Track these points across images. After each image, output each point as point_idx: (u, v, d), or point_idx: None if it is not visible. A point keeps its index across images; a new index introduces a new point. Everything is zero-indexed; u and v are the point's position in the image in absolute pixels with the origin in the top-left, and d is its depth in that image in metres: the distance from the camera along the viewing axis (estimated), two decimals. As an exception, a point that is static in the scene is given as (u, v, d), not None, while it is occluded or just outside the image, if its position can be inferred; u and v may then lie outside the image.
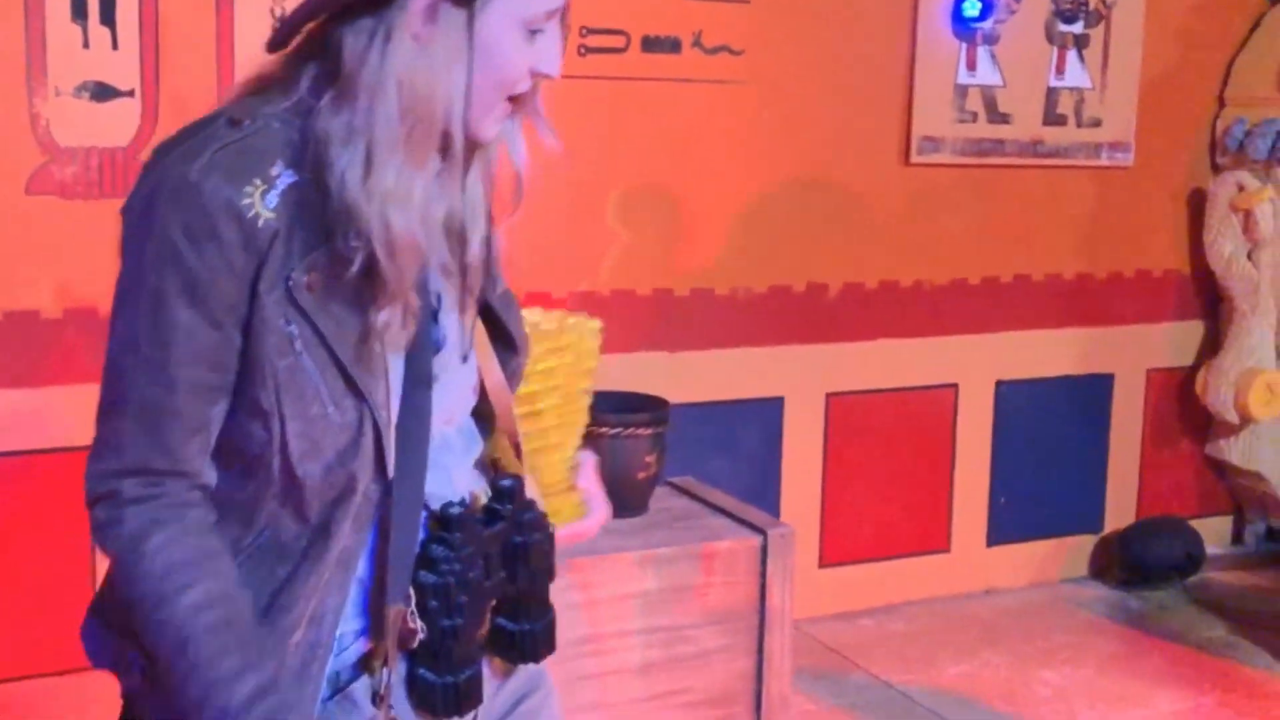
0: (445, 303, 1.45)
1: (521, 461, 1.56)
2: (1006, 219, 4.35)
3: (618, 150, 3.70)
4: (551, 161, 1.48)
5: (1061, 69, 4.33)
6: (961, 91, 4.17)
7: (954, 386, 4.36)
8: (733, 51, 3.84)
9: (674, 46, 3.75)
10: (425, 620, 1.40)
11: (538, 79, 1.38)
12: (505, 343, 1.54)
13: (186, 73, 3.22)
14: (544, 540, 1.51)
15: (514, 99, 1.38)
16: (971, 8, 4.11)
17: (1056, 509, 4.58)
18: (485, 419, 1.55)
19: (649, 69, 3.72)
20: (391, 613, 1.38)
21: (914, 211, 4.19)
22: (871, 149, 4.11)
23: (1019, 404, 4.46)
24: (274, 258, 1.28)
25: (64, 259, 3.17)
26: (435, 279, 1.42)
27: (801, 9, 3.92)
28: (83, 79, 3.12)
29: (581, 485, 1.63)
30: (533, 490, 1.56)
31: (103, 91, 3.15)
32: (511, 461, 1.56)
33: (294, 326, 1.30)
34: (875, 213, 4.14)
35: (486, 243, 1.46)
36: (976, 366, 4.38)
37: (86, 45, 3.11)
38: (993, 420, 4.44)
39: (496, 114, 1.37)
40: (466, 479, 1.50)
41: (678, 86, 3.78)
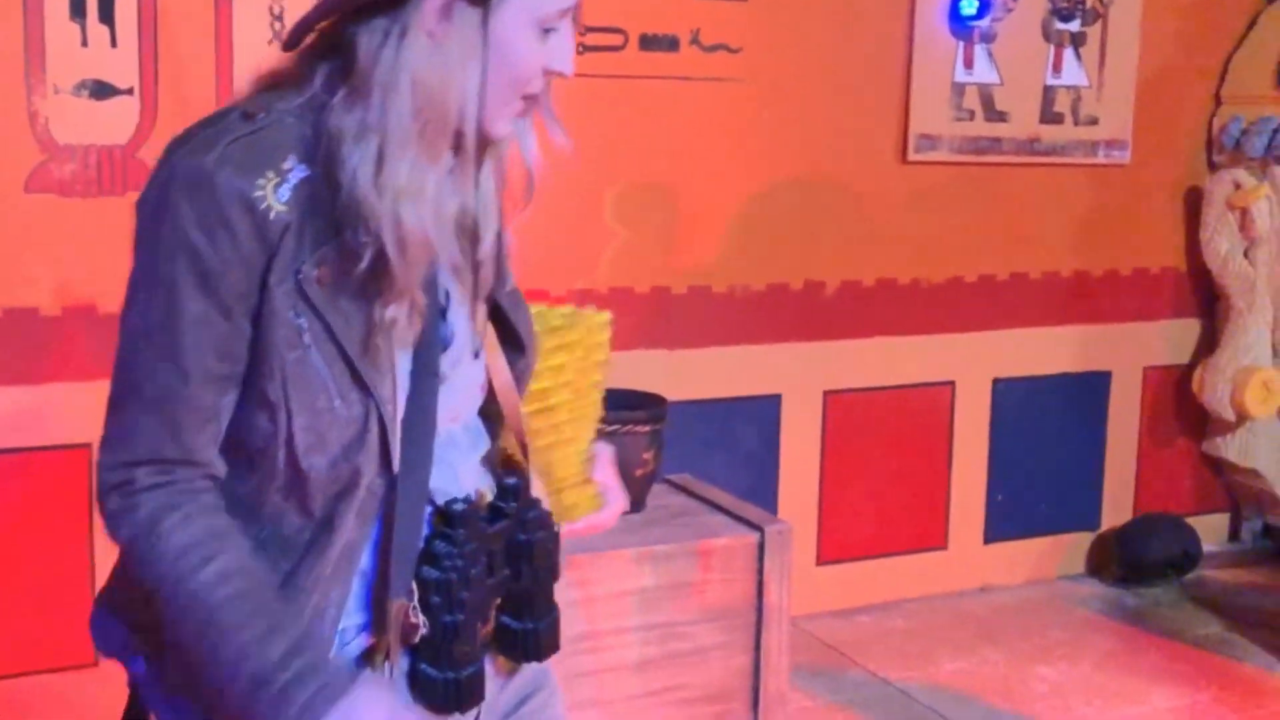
0: (454, 300, 1.45)
1: (529, 460, 1.56)
2: (1003, 217, 4.36)
3: (616, 148, 3.71)
4: (550, 160, 1.49)
5: (1058, 67, 4.34)
6: (959, 90, 4.18)
7: (951, 384, 4.37)
8: (730, 50, 3.84)
9: (672, 45, 3.76)
10: (427, 616, 1.40)
11: (550, 77, 1.39)
12: (513, 343, 1.55)
13: (185, 71, 3.22)
14: (548, 539, 1.51)
15: (527, 97, 1.39)
16: (968, 6, 4.12)
17: (1053, 506, 4.59)
18: (494, 418, 1.55)
19: (647, 67, 3.73)
20: (394, 607, 1.38)
21: (911, 209, 4.19)
22: (869, 147, 4.11)
23: (1016, 401, 4.47)
24: (284, 250, 1.29)
25: (63, 257, 3.17)
26: (444, 276, 1.43)
27: (799, 7, 3.93)
28: (81, 77, 3.13)
29: (597, 477, 1.64)
30: (538, 488, 1.57)
31: (101, 89, 3.15)
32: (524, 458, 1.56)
33: (303, 319, 1.31)
34: (872, 211, 4.14)
35: (498, 239, 1.47)
36: (974, 364, 4.39)
37: (85, 43, 3.11)
38: (990, 418, 4.44)
39: (510, 112, 1.38)
40: (472, 476, 1.50)
41: (676, 85, 3.79)
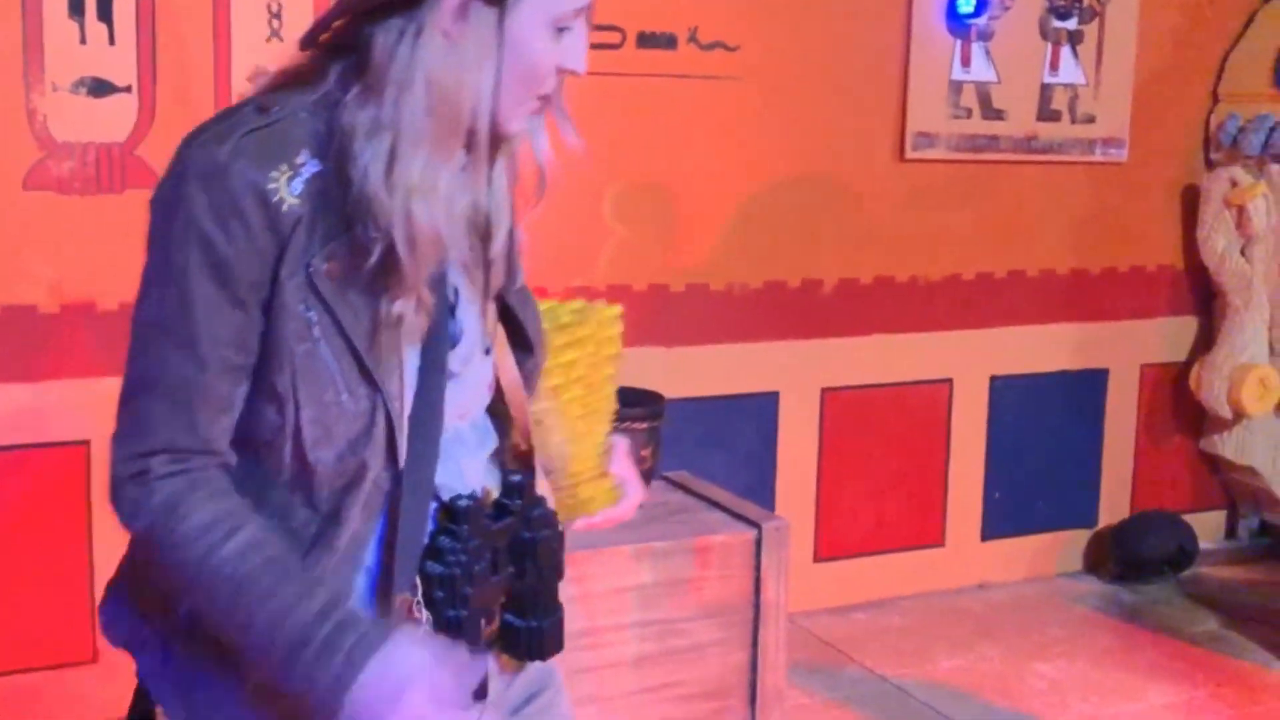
0: (463, 297, 1.46)
1: (535, 459, 1.57)
2: (1001, 215, 4.36)
3: (614, 146, 3.71)
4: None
5: (1056, 65, 4.34)
6: (956, 88, 4.18)
7: (949, 381, 4.38)
8: (728, 48, 3.85)
9: (669, 42, 3.76)
10: (431, 611, 1.41)
11: (563, 75, 1.40)
12: (521, 344, 1.56)
13: (184, 68, 3.23)
14: (553, 537, 1.51)
15: (542, 96, 1.40)
16: (966, 4, 4.12)
17: (1051, 503, 4.60)
18: (503, 417, 1.56)
19: (644, 65, 3.73)
20: (397, 601, 1.39)
21: (909, 207, 4.20)
22: (866, 145, 4.12)
23: (1013, 399, 4.47)
24: (296, 243, 1.30)
25: (61, 254, 3.18)
26: (454, 273, 1.44)
27: (797, 5, 3.93)
28: (80, 74, 3.13)
29: (613, 470, 1.64)
30: (543, 487, 1.57)
31: (100, 87, 3.15)
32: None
33: (313, 312, 1.31)
34: (870, 208, 4.15)
35: (509, 237, 1.48)
36: (971, 362, 4.39)
37: (84, 41, 3.12)
38: (987, 415, 4.45)
39: (525, 110, 1.39)
40: (478, 473, 1.51)
41: (673, 82, 3.79)
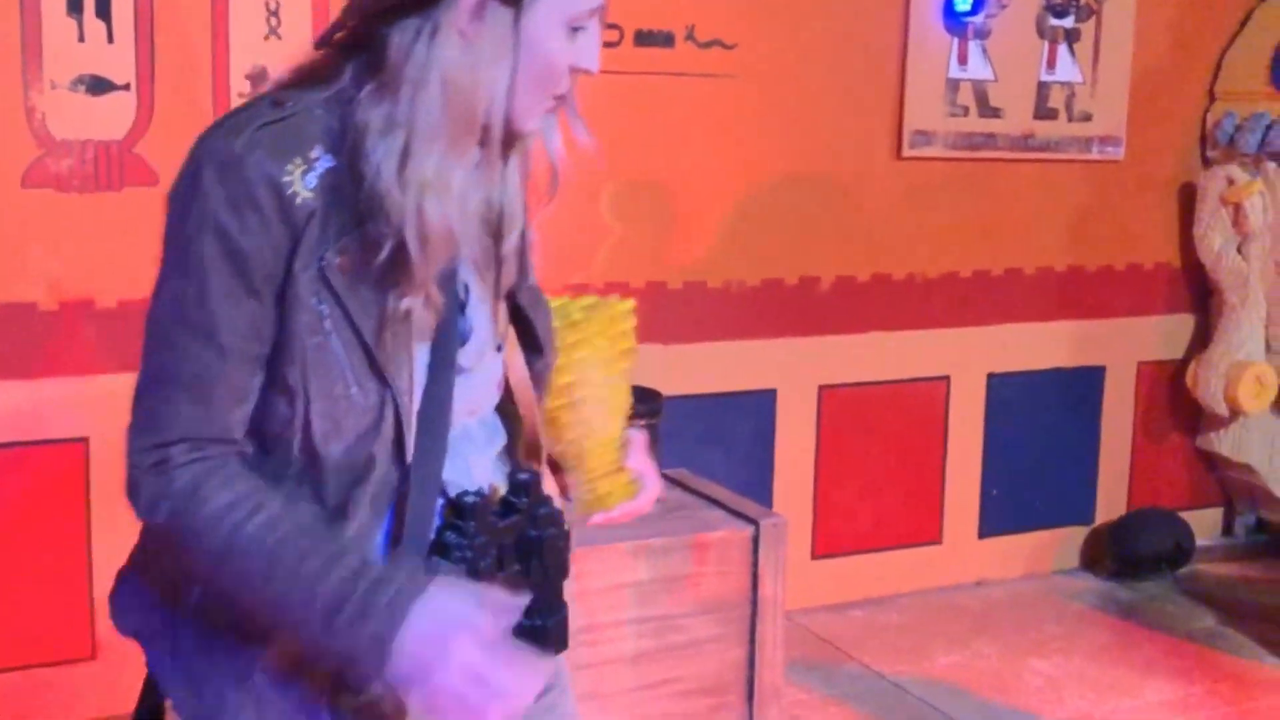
0: (474, 295, 1.47)
1: (542, 456, 1.57)
2: (998, 213, 4.37)
3: (611, 144, 3.70)
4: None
5: (1052, 63, 4.35)
6: (953, 86, 4.19)
7: (946, 379, 4.38)
8: (725, 46, 3.85)
9: (667, 41, 3.77)
10: None
11: (576, 74, 1.41)
12: (531, 344, 1.56)
13: (182, 66, 3.23)
14: (559, 536, 1.52)
15: (557, 95, 1.41)
16: (963, 2, 4.13)
17: (1048, 501, 4.60)
18: (512, 415, 1.56)
19: (642, 63, 3.73)
20: None
21: (906, 205, 4.21)
22: (863, 143, 4.12)
23: (1010, 396, 4.48)
24: (309, 237, 1.31)
25: (60, 252, 3.18)
26: (465, 271, 1.44)
27: (794, 4, 3.94)
28: (78, 72, 3.14)
29: (630, 464, 1.64)
30: (551, 485, 1.58)
31: (98, 85, 3.16)
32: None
33: (325, 306, 1.32)
34: (867, 206, 4.16)
35: (521, 235, 1.50)
36: (968, 359, 4.40)
37: (82, 39, 3.12)
38: (984, 412, 4.46)
39: (540, 109, 1.41)
40: (486, 470, 1.51)
41: (671, 80, 3.80)
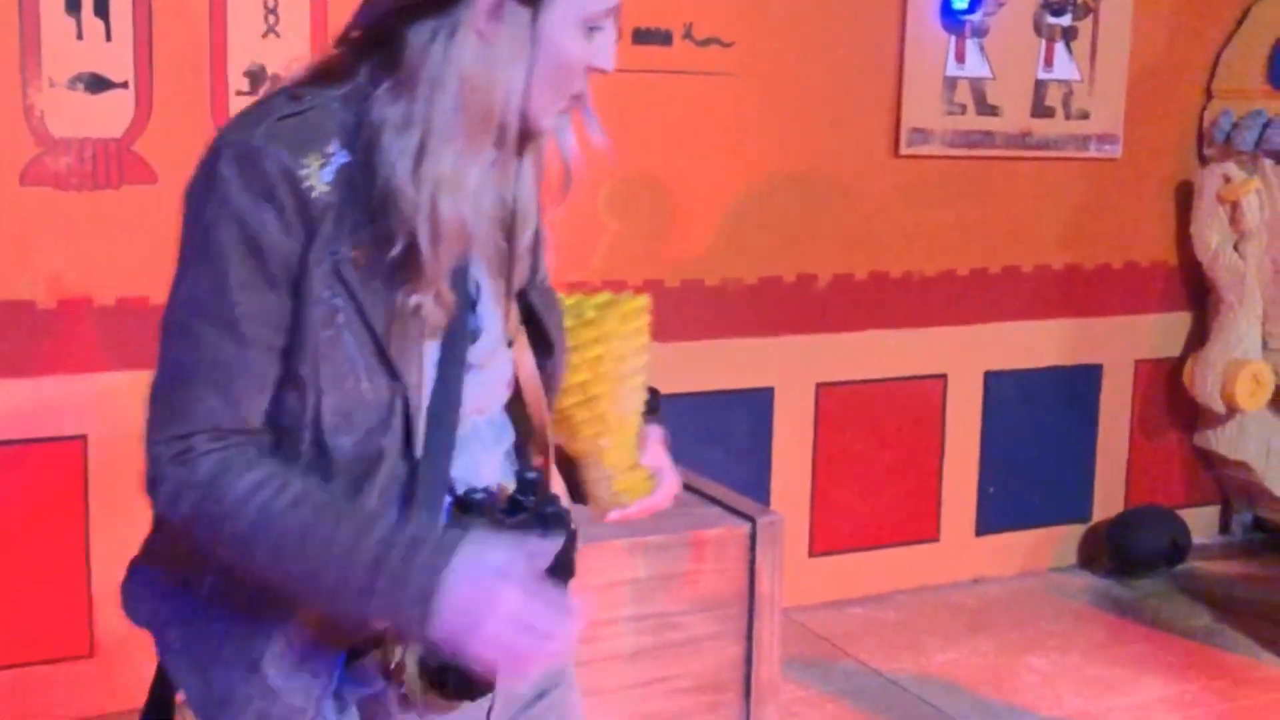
0: (485, 293, 1.47)
1: (550, 455, 1.58)
2: (995, 211, 4.37)
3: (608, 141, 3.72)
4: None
5: (1050, 61, 4.35)
6: (950, 84, 4.19)
7: (943, 377, 4.39)
8: (723, 44, 3.86)
9: (665, 38, 3.77)
10: None
11: (590, 73, 1.43)
12: (542, 345, 1.57)
13: (180, 64, 3.24)
14: (565, 535, 1.52)
15: (574, 95, 1.43)
16: (960, 1, 4.13)
17: (1045, 499, 4.61)
18: (521, 414, 1.57)
19: (640, 61, 3.74)
20: None
21: (903, 203, 4.21)
22: (861, 141, 4.13)
23: (1008, 394, 4.49)
24: (324, 231, 1.32)
25: (58, 250, 3.19)
26: (477, 268, 1.45)
27: (792, 2, 3.94)
28: (77, 70, 3.14)
29: (648, 461, 1.65)
30: (559, 485, 1.58)
31: (97, 83, 3.16)
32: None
33: (338, 300, 1.33)
34: (865, 204, 4.16)
35: (535, 233, 1.51)
36: (965, 357, 4.41)
37: (80, 37, 3.12)
38: (981, 410, 4.46)
39: (556, 108, 1.43)
40: (494, 469, 1.52)
41: (668, 78, 3.80)
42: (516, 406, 1.56)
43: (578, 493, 1.65)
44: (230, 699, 1.40)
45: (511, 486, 1.52)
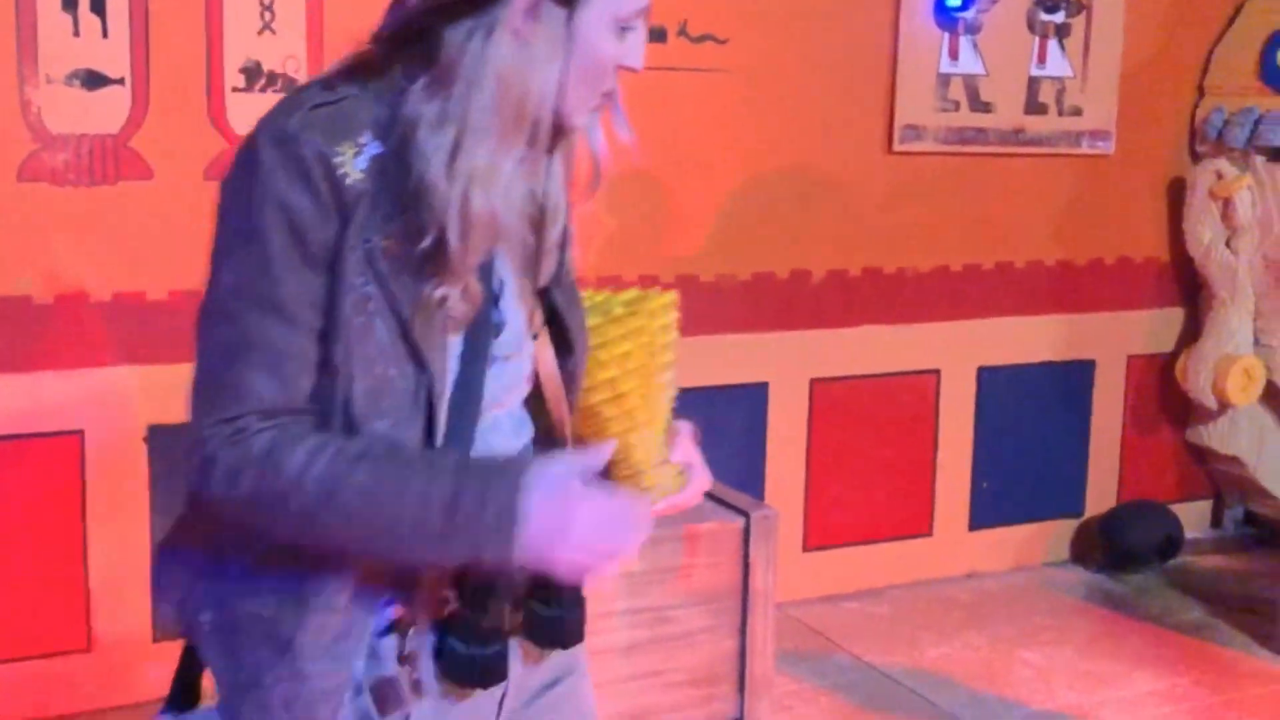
0: (509, 289, 1.49)
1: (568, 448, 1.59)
2: (988, 207, 4.39)
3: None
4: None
5: (1043, 58, 4.37)
6: (944, 80, 4.21)
7: (936, 372, 4.40)
8: (717, 40, 3.87)
9: (659, 35, 3.78)
10: (458, 592, 1.44)
11: (621, 71, 1.45)
12: (563, 344, 1.58)
13: (177, 61, 3.24)
14: None
15: (605, 92, 1.45)
16: (954, -2, 4.16)
17: (1038, 493, 4.63)
18: (540, 409, 1.58)
19: (635, 58, 3.74)
20: (426, 580, 1.42)
21: (897, 199, 4.22)
22: (855, 137, 4.14)
23: (1001, 390, 4.50)
24: (358, 218, 1.33)
25: (55, 245, 3.20)
26: (501, 263, 1.47)
27: (786, -2, 3.96)
28: (74, 67, 3.15)
29: (677, 457, 1.65)
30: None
31: (93, 79, 3.17)
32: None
33: (370, 287, 1.35)
34: (858, 200, 4.17)
35: (563, 229, 1.53)
36: (959, 352, 4.42)
37: (77, 33, 3.13)
38: (975, 406, 4.48)
39: (588, 106, 1.45)
40: None
41: (663, 75, 3.81)
42: (536, 402, 1.57)
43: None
44: (258, 681, 1.41)
45: None
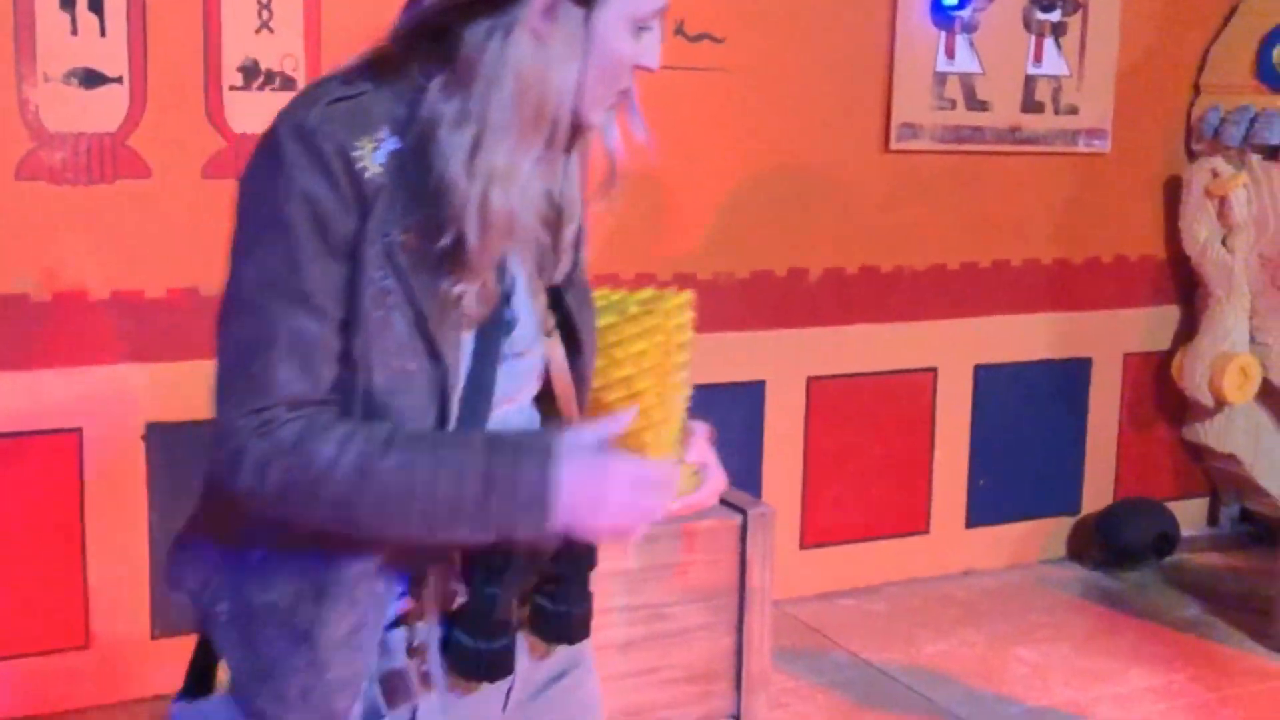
0: (520, 286, 1.49)
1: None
2: (985, 205, 4.39)
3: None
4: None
5: (1039, 57, 4.37)
6: (940, 79, 4.22)
7: (933, 370, 4.41)
8: (715, 39, 3.87)
9: (657, 34, 3.78)
10: (467, 586, 1.45)
11: (637, 71, 1.47)
12: (573, 344, 1.58)
13: (174, 59, 3.25)
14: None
15: (622, 91, 1.47)
16: (950, -4, 4.16)
17: (1034, 491, 4.63)
18: (550, 407, 1.58)
19: (632, 56, 3.75)
20: (435, 573, 1.43)
21: (894, 198, 4.23)
22: (852, 136, 4.15)
23: (997, 388, 4.51)
24: (377, 212, 1.34)
25: (53, 243, 3.20)
26: (514, 262, 1.48)
27: (783, -3, 3.97)
28: (71, 65, 3.15)
29: (693, 457, 1.66)
30: None
31: (91, 78, 3.18)
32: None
33: (389, 281, 1.35)
34: (855, 199, 4.18)
35: (578, 227, 1.55)
36: (955, 351, 4.43)
37: (75, 32, 3.14)
38: (971, 403, 4.48)
39: (605, 105, 1.47)
40: None
41: (660, 74, 3.76)
42: (546, 399, 1.58)
43: None
44: (275, 671, 1.41)
45: None
